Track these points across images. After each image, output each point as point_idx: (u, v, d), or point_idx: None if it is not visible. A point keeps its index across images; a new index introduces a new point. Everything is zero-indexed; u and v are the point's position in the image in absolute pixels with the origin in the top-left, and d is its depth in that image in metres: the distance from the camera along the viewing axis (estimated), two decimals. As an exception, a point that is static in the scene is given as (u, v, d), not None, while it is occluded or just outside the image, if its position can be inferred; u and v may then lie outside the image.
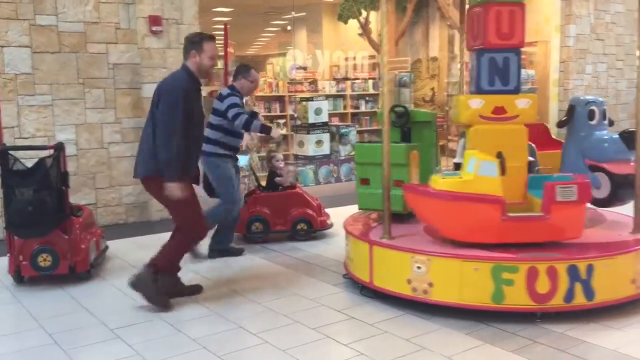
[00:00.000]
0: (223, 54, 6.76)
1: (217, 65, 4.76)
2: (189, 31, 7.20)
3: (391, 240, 4.21)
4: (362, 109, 11.99)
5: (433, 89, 13.39)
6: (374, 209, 4.76)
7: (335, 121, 10.94)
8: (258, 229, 5.93)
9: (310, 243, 5.81)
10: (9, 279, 4.86)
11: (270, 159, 6.27)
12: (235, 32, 18.19)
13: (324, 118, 9.33)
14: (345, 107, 11.82)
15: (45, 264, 4.68)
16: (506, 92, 4.25)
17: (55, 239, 4.71)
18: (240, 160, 5.75)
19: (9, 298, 4.56)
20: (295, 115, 9.89)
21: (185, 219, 4.22)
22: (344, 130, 9.61)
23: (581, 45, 11.20)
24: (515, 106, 4.21)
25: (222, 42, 6.71)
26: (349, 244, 4.66)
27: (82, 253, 4.81)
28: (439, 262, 3.90)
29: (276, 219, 5.91)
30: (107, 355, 3.54)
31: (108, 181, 7.01)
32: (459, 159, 4.57)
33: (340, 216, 5.43)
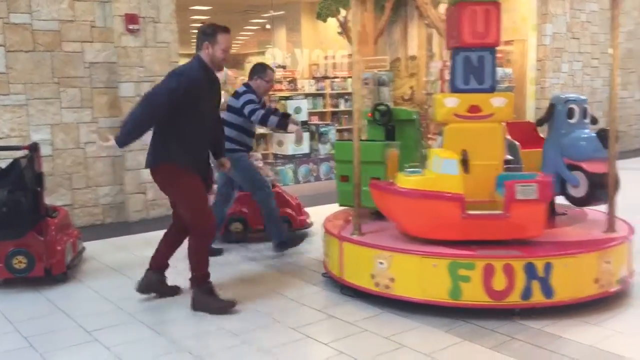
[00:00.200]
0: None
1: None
2: (166, 30, 7.19)
3: (359, 237, 4.28)
4: (342, 107, 12.01)
5: (412, 88, 13.43)
6: (354, 205, 4.77)
7: (314, 120, 10.94)
8: (237, 228, 5.91)
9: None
10: (-17, 282, 4.78)
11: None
12: (214, 31, 18.12)
13: (304, 117, 9.33)
14: (324, 106, 11.83)
15: (20, 266, 4.61)
16: (481, 91, 4.27)
17: (30, 241, 4.63)
18: None
19: (-17, 301, 4.49)
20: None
21: (194, 212, 4.07)
22: (324, 129, 9.62)
23: (557, 44, 11.33)
24: (491, 105, 4.23)
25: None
26: (325, 242, 4.70)
27: (58, 255, 4.74)
28: (400, 258, 3.98)
29: (256, 219, 5.88)
30: (84, 358, 3.49)
31: (85, 182, 6.92)
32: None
33: (320, 215, 5.42)
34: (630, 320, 3.84)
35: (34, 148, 4.66)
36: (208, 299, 4.12)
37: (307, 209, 6.35)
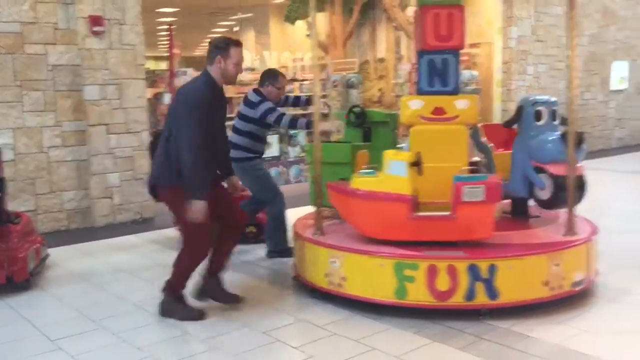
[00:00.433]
0: (168, 54, 6.65)
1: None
2: (132, 32, 7.08)
3: (318, 237, 4.34)
4: (311, 109, 11.99)
5: (381, 90, 13.52)
6: (325, 205, 4.78)
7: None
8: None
9: (260, 246, 5.73)
10: (-58, 291, 4.63)
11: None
12: (182, 33, 17.96)
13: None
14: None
15: (-19, 274, 4.48)
16: (445, 93, 4.31)
17: (-9, 248, 4.51)
18: None
19: (-59, 311, 4.35)
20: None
21: (192, 235, 3.94)
22: (293, 131, 9.59)
23: (523, 47, 11.51)
24: (455, 107, 4.27)
25: (167, 43, 6.60)
26: (295, 244, 4.72)
27: (20, 262, 4.62)
28: (350, 258, 4.04)
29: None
30: (48, 367, 3.41)
31: (48, 186, 6.77)
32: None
33: (289, 218, 5.39)
34: (595, 319, 3.90)
35: (-6, 153, 4.54)
36: (177, 306, 4.05)
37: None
